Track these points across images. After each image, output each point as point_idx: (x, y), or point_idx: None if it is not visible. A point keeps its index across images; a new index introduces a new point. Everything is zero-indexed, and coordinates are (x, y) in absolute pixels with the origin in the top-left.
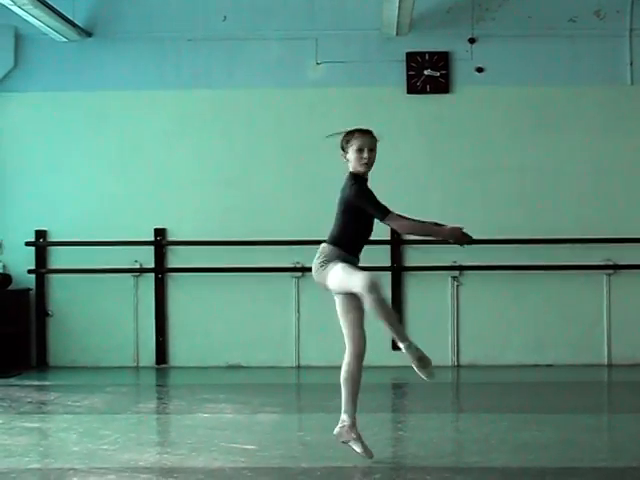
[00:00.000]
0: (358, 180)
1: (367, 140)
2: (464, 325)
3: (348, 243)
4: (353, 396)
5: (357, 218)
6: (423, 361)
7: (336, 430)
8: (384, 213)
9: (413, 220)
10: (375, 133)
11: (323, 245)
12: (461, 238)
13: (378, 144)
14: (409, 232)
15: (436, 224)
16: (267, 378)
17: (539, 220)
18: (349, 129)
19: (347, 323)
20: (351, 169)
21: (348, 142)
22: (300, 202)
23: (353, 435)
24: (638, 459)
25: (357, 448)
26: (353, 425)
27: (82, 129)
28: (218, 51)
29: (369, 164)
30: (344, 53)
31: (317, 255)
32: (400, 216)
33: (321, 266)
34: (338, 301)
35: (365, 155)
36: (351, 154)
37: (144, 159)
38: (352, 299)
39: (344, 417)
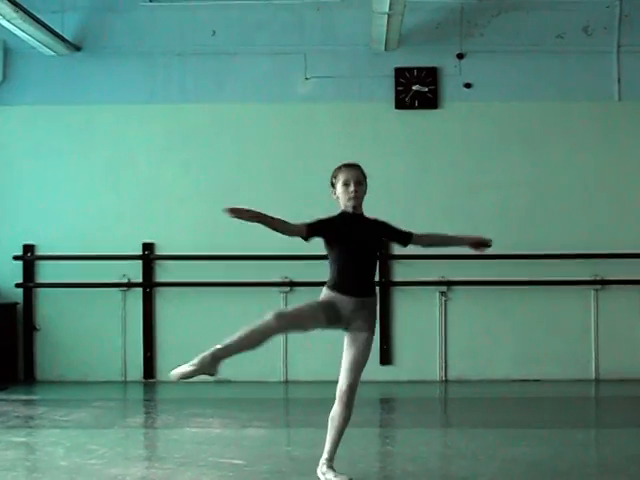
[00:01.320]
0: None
1: (353, 173)
2: (452, 340)
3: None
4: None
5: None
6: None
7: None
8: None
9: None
10: (363, 168)
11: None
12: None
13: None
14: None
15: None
16: (255, 393)
17: (527, 235)
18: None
19: None
20: (341, 206)
21: (335, 177)
22: (288, 217)
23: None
24: (626, 474)
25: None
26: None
27: (70, 143)
28: (207, 66)
29: (357, 197)
30: (333, 68)
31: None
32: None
33: None
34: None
35: (352, 188)
36: (339, 189)
37: (133, 173)
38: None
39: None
